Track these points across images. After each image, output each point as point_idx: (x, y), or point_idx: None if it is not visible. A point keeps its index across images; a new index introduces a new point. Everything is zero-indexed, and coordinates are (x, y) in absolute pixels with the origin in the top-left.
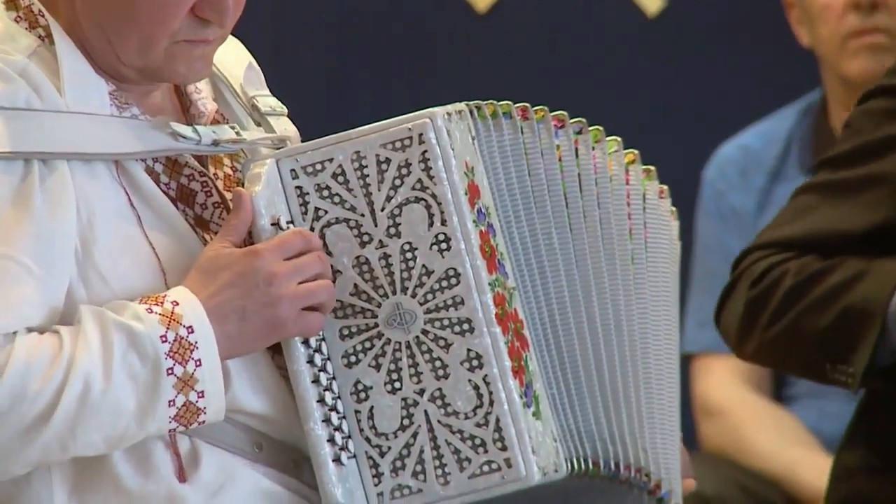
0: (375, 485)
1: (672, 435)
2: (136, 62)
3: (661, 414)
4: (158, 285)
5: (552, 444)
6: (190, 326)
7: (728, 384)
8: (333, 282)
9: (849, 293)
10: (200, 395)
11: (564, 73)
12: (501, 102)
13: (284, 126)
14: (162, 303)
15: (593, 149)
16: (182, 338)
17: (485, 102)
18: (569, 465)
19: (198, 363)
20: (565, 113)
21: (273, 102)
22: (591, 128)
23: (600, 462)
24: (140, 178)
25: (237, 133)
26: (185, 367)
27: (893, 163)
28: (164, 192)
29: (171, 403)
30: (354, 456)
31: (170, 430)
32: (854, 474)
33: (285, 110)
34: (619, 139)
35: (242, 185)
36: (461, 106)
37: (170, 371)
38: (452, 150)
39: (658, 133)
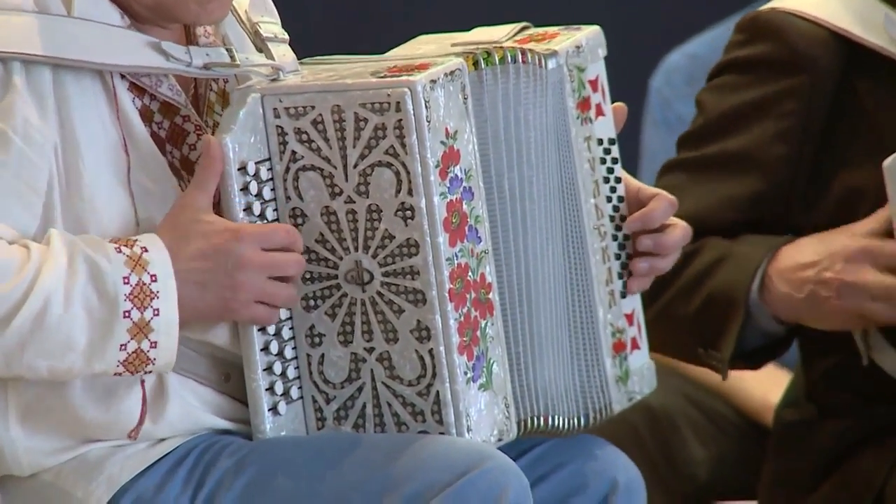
0: (318, 429)
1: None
2: None
3: (583, 346)
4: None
5: (501, 411)
6: (154, 275)
7: None
8: (301, 226)
9: (712, 279)
10: (153, 344)
11: None
12: (507, 45)
13: (284, 52)
14: (132, 246)
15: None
16: (144, 283)
17: (494, 46)
18: (522, 426)
19: (156, 312)
20: (556, 49)
21: (276, 29)
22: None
23: (549, 419)
24: (135, 123)
25: (230, 55)
26: (142, 313)
27: (745, 137)
28: (154, 133)
29: (123, 348)
30: (301, 397)
31: (115, 374)
32: (789, 424)
33: (287, 38)
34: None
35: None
36: (456, 63)
37: (126, 314)
38: (429, 121)
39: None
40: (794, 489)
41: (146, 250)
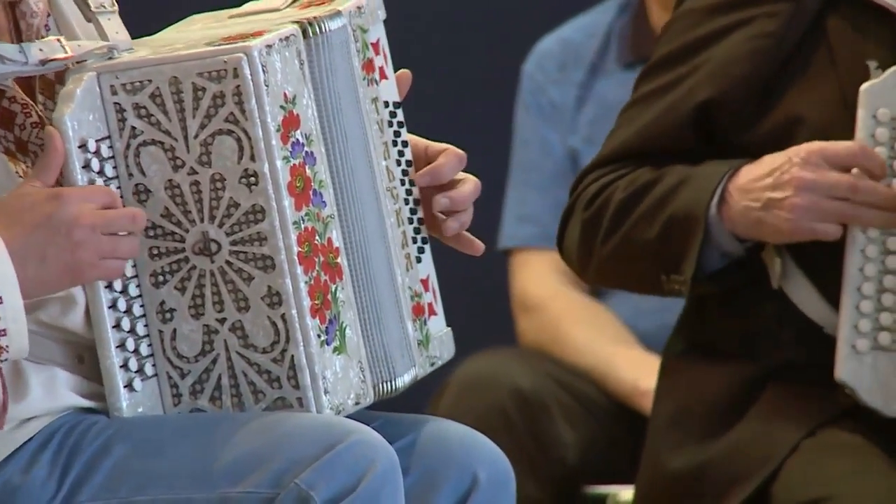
0: (175, 405)
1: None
2: None
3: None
4: None
5: (356, 375)
6: None
7: (546, 279)
8: (145, 202)
9: (672, 201)
10: (2, 333)
11: None
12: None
13: (116, 29)
14: None
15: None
16: None
17: (316, 17)
18: (376, 391)
19: None
20: (339, 9)
21: (105, 0)
22: None
23: (395, 382)
24: None
25: (62, 46)
26: None
27: (709, 52)
28: None
29: None
30: (156, 374)
31: None
32: (683, 364)
33: (116, 7)
34: None
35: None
36: (291, 30)
37: None
38: (267, 85)
39: (477, 26)
40: (686, 433)
41: None
